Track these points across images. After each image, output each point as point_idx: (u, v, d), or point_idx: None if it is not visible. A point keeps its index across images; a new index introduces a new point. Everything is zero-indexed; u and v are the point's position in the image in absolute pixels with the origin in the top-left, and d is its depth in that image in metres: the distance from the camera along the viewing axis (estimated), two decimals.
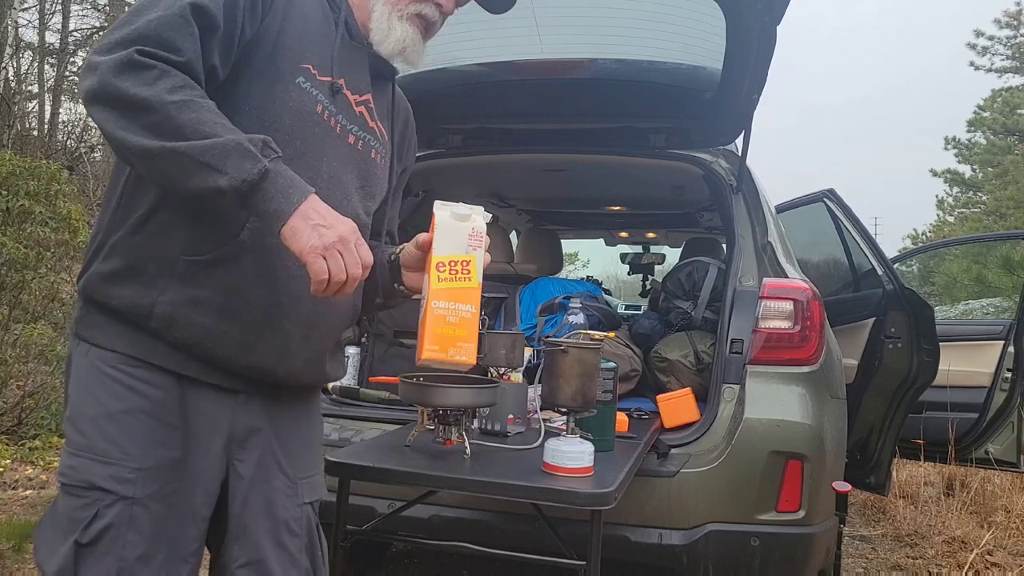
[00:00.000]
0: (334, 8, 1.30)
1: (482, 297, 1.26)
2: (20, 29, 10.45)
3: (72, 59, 12.17)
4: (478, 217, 1.27)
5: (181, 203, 1.14)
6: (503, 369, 2.21)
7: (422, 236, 1.31)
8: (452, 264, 1.23)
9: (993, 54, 21.32)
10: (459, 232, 1.25)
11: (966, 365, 3.93)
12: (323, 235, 1.06)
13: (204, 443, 1.21)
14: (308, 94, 1.22)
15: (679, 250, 4.35)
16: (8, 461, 4.31)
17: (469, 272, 1.23)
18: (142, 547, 1.14)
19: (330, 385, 2.66)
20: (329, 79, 1.25)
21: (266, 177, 1.04)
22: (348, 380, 2.70)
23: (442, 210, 1.27)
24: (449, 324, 1.21)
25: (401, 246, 1.41)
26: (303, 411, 1.37)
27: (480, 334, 2.35)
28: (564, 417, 1.83)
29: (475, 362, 1.23)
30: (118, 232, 1.17)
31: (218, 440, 1.23)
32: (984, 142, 21.59)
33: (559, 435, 1.79)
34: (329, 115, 1.26)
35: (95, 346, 1.17)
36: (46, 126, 11.25)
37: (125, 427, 1.15)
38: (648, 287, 5.19)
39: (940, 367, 3.26)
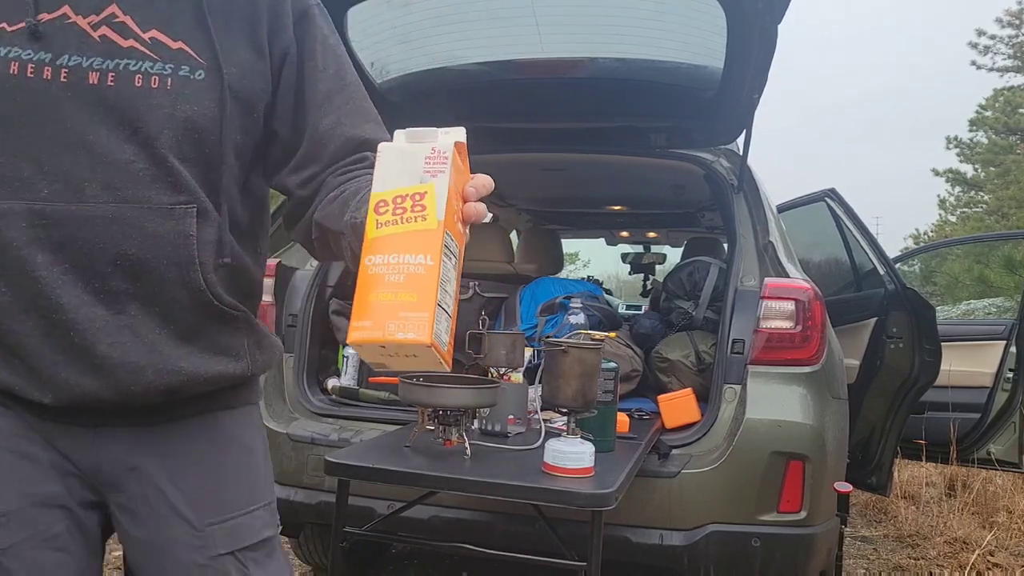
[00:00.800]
0: None
1: (453, 255, 0.81)
2: None
3: None
4: (445, 135, 0.85)
5: None
6: (503, 369, 2.20)
7: None
8: (398, 201, 0.79)
9: (995, 53, 21.31)
10: (412, 157, 0.82)
11: (968, 365, 3.92)
12: None
13: (69, 485, 0.98)
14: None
15: (680, 250, 4.34)
16: None
17: (424, 208, 0.78)
18: None
19: (329, 385, 2.66)
20: (22, 24, 0.93)
21: None
22: (348, 380, 2.69)
23: (397, 136, 0.88)
24: (389, 286, 0.75)
25: None
26: (211, 434, 1.05)
27: (480, 334, 2.36)
28: (564, 417, 1.82)
29: (429, 341, 0.73)
30: None
31: (79, 482, 0.99)
32: (986, 141, 21.58)
33: (559, 436, 1.78)
34: (38, 67, 0.92)
35: None
36: None
37: None
38: (649, 287, 5.19)
39: (942, 367, 3.26)
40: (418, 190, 0.80)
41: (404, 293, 0.76)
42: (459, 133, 0.87)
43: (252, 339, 1.06)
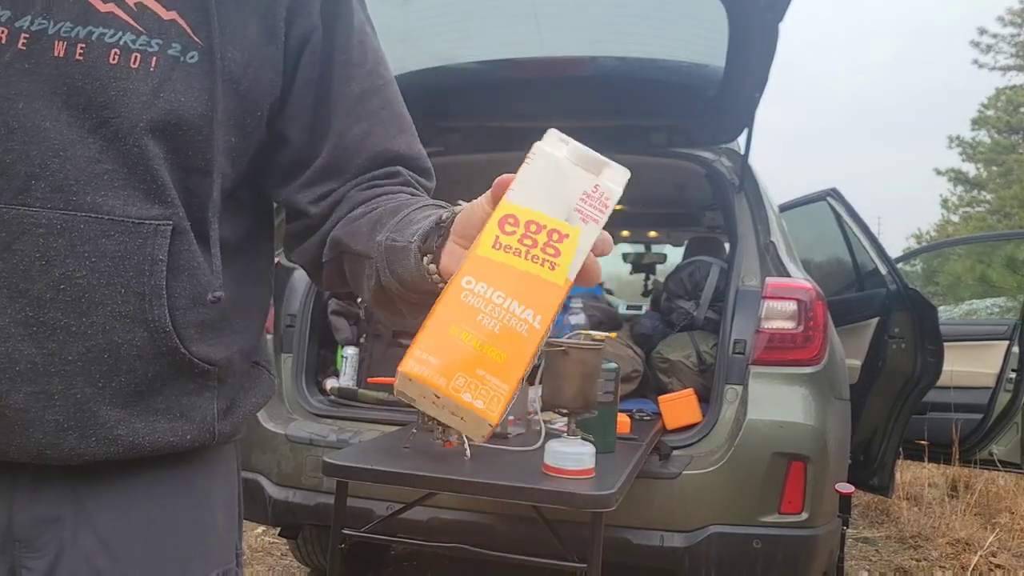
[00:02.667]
0: None
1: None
2: None
3: None
4: (611, 177, 0.65)
5: None
6: None
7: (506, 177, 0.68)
8: (531, 228, 0.62)
9: (997, 52, 21.32)
10: (570, 182, 0.65)
11: (970, 365, 3.91)
12: None
13: None
14: None
15: (681, 249, 4.33)
16: None
17: (559, 254, 0.61)
18: None
19: (328, 386, 2.65)
20: None
21: None
22: (346, 381, 2.69)
23: (555, 142, 0.69)
24: (479, 329, 0.58)
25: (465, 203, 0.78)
26: (152, 486, 0.79)
27: None
28: (565, 418, 1.81)
29: (496, 420, 0.58)
30: None
31: None
32: (988, 141, 21.57)
33: (560, 437, 1.78)
34: None
35: None
36: None
37: None
38: (650, 287, 5.17)
39: (944, 367, 3.24)
40: (561, 228, 0.62)
41: (493, 348, 0.58)
42: (624, 177, 0.67)
43: (224, 403, 0.81)
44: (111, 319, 0.72)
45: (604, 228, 0.63)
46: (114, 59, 0.72)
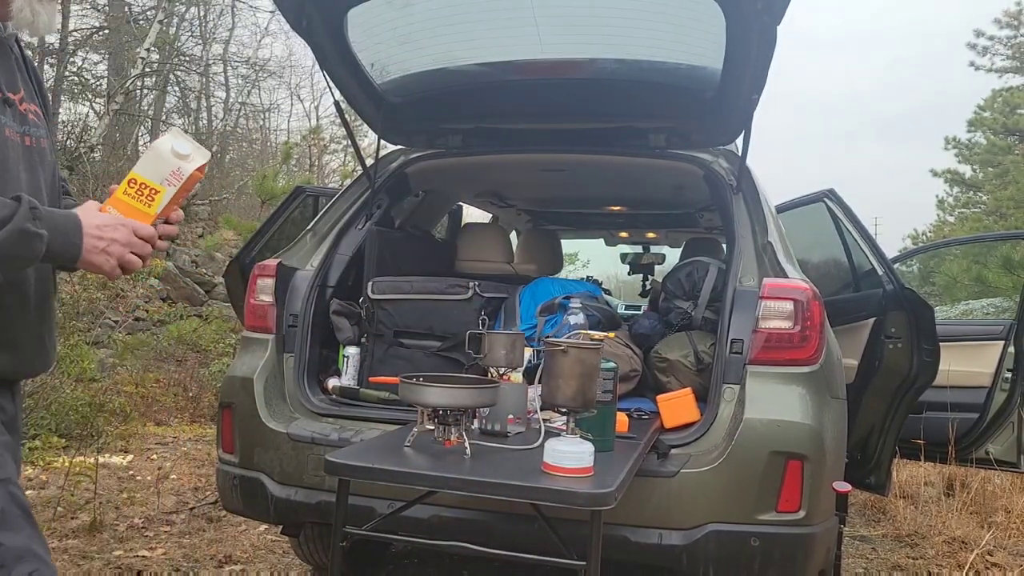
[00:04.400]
0: None
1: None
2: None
3: (72, 59, 12.16)
4: (191, 163, 1.34)
5: None
6: (503, 369, 2.21)
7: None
8: (143, 186, 1.33)
9: (993, 54, 21.33)
10: (166, 164, 1.34)
11: (966, 365, 3.92)
12: (111, 253, 1.29)
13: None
14: None
15: (679, 250, 4.35)
16: None
17: (152, 200, 1.33)
18: (30, 519, 1.27)
19: (330, 385, 2.66)
20: (3, 96, 1.33)
21: (49, 241, 1.22)
22: (348, 380, 2.70)
23: (168, 138, 1.36)
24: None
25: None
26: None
27: (479, 334, 2.37)
28: (564, 417, 1.83)
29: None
30: None
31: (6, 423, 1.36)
32: (984, 142, 21.57)
33: (559, 435, 1.79)
34: (11, 131, 1.32)
35: None
36: None
37: None
38: (648, 287, 5.18)
39: (940, 367, 3.26)
40: (156, 187, 1.33)
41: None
42: (203, 158, 1.37)
43: None
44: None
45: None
46: (43, 143, 1.42)
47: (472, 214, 5.12)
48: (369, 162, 3.03)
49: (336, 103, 2.85)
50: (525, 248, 4.11)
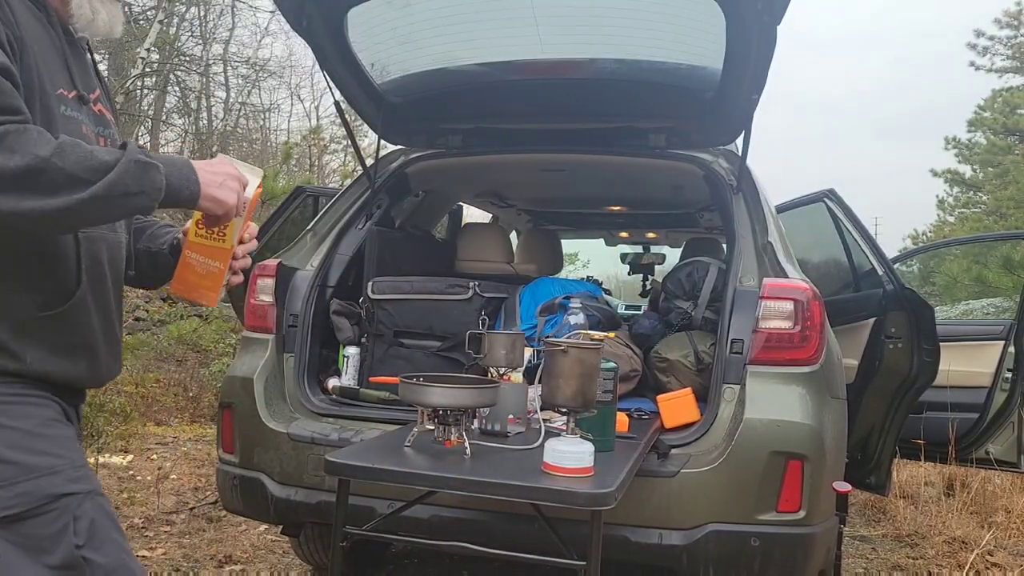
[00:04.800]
0: (40, 8, 1.25)
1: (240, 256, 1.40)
2: None
3: None
4: (248, 188, 1.32)
5: (7, 262, 1.17)
6: (503, 369, 2.21)
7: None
8: (209, 224, 1.32)
9: (993, 54, 21.33)
10: None
11: (966, 365, 3.92)
12: (231, 187, 1.25)
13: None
14: (74, 120, 1.25)
15: (679, 250, 4.35)
16: None
17: (224, 234, 1.32)
18: (118, 530, 1.23)
19: (330, 385, 2.66)
20: (75, 92, 1.28)
21: (167, 176, 1.16)
22: (348, 380, 2.70)
23: None
24: (196, 273, 1.36)
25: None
26: None
27: (479, 334, 2.37)
28: (564, 417, 1.83)
29: (215, 304, 1.43)
30: None
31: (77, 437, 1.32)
32: (984, 142, 21.56)
33: (559, 435, 1.79)
34: (87, 128, 1.29)
35: None
36: None
37: (50, 437, 1.19)
38: (648, 287, 5.19)
39: (940, 367, 3.26)
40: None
41: (205, 280, 1.37)
42: (258, 177, 1.36)
43: None
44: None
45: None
46: (113, 145, 1.34)
47: (472, 214, 5.12)
48: (369, 162, 3.03)
49: (336, 103, 2.85)
50: (525, 248, 4.11)
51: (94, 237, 1.27)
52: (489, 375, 2.24)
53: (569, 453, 1.70)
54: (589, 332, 2.55)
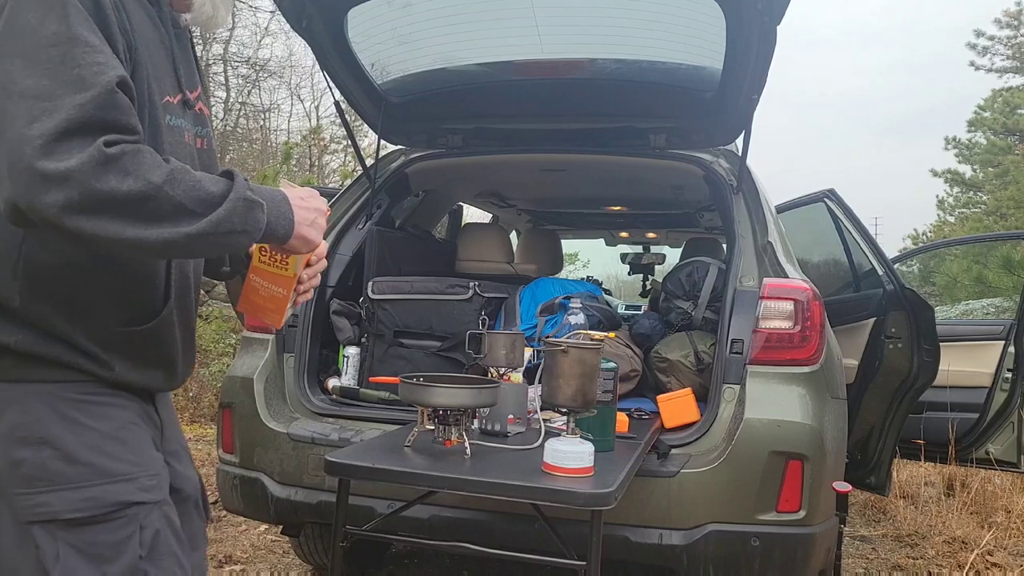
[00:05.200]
0: (152, 3, 1.21)
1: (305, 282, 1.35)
2: None
3: None
4: None
5: (103, 284, 1.15)
6: (503, 369, 2.21)
7: None
8: (273, 252, 1.29)
9: (993, 54, 21.33)
10: None
11: (966, 365, 3.93)
12: (319, 226, 1.23)
13: (157, 443, 1.26)
14: (177, 129, 1.23)
15: (679, 250, 4.35)
16: None
17: (287, 264, 1.30)
18: (179, 542, 1.21)
19: (330, 385, 2.67)
20: (180, 96, 1.24)
21: (267, 214, 1.12)
22: (348, 380, 2.70)
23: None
24: (260, 296, 1.35)
25: None
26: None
27: (479, 334, 2.37)
28: (564, 417, 1.83)
29: (280, 326, 1.40)
30: (34, 315, 1.11)
31: (159, 440, 1.27)
32: (984, 142, 21.57)
33: (559, 435, 1.79)
34: (189, 135, 1.27)
35: (51, 382, 1.13)
36: None
37: (127, 442, 1.17)
38: (648, 287, 5.19)
39: (940, 367, 3.26)
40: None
41: (269, 303, 1.35)
42: (326, 209, 1.31)
43: None
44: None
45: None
46: (213, 145, 1.36)
47: (472, 214, 5.12)
48: (369, 162, 3.03)
49: (336, 103, 2.85)
50: (525, 248, 4.11)
51: None
52: (489, 375, 2.25)
53: (569, 453, 1.70)
54: (589, 332, 2.55)
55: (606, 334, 2.65)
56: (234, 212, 1.05)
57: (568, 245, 6.75)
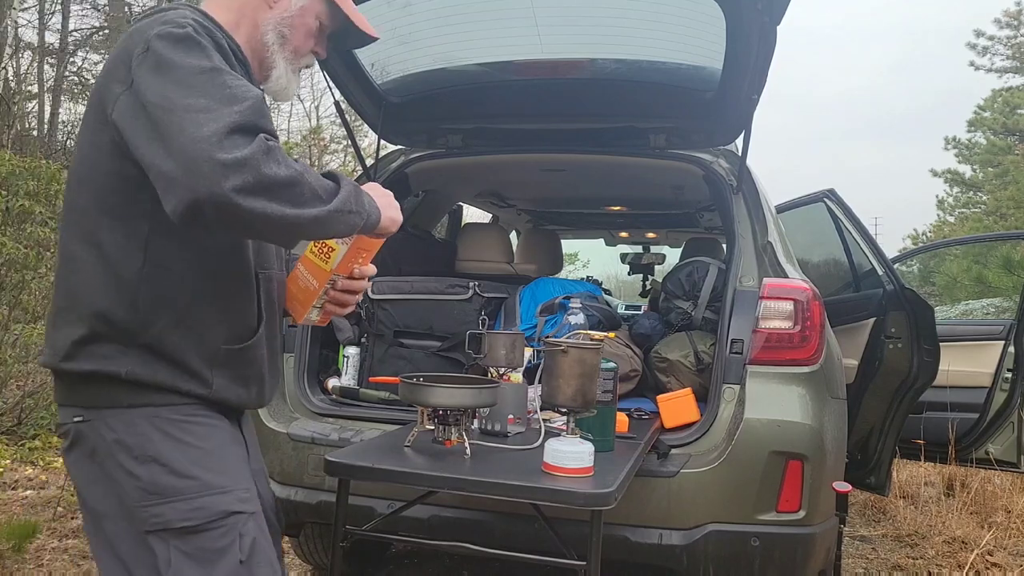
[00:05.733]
0: (240, 62, 1.36)
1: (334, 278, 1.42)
2: (20, 29, 10.45)
3: (72, 59, 12.16)
4: None
5: (210, 299, 1.31)
6: (503, 369, 2.21)
7: None
8: (323, 244, 1.40)
9: (993, 54, 21.33)
10: None
11: (966, 365, 3.93)
12: (395, 207, 1.36)
13: (247, 460, 1.42)
14: None
15: (679, 250, 4.35)
16: (8, 461, 4.31)
17: (329, 257, 1.39)
18: (272, 549, 1.36)
19: (330, 385, 2.67)
20: None
21: (368, 201, 1.29)
22: (348, 380, 2.70)
23: None
24: (297, 285, 1.46)
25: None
26: None
27: (479, 334, 2.37)
28: (564, 417, 1.83)
29: (300, 321, 1.49)
30: (150, 333, 1.27)
31: (244, 455, 1.42)
32: (984, 142, 21.57)
33: (559, 435, 1.79)
34: None
35: (158, 406, 1.28)
36: (46, 126, 11.25)
37: (225, 458, 1.33)
38: (648, 287, 5.19)
39: (940, 367, 3.26)
40: (332, 245, 1.38)
41: (300, 295, 1.45)
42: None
43: None
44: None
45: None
46: None
47: (472, 214, 5.12)
48: (369, 162, 3.03)
49: (336, 103, 2.85)
50: (525, 248, 4.11)
51: (271, 276, 1.42)
52: (489, 375, 2.24)
53: (569, 453, 1.70)
54: (589, 332, 2.54)
55: (606, 334, 2.65)
56: (349, 197, 1.23)
57: (568, 245, 6.75)
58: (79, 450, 1.29)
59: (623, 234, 5.51)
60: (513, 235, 4.76)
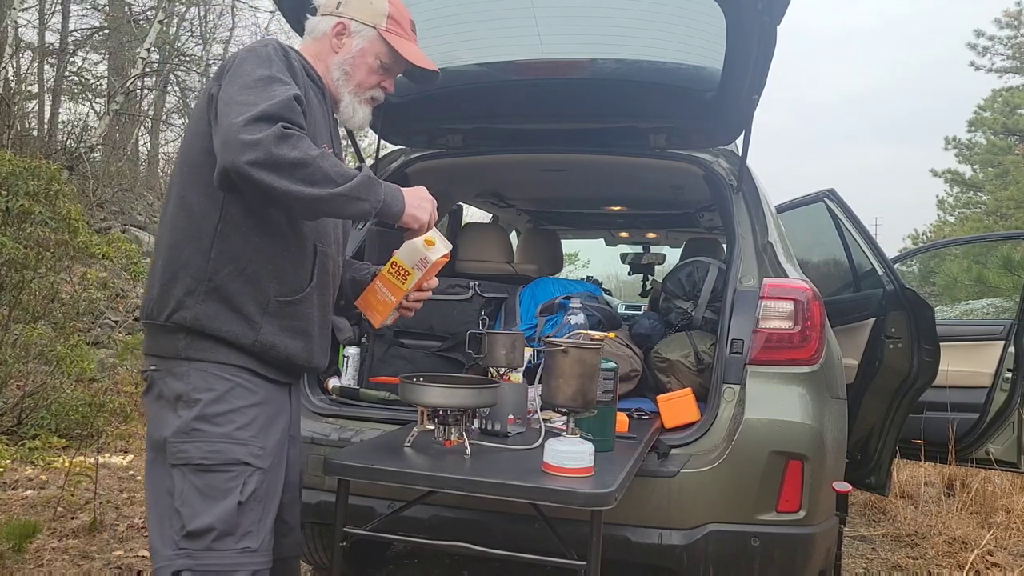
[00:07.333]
0: (319, 87, 1.71)
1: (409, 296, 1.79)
2: (20, 29, 10.44)
3: (72, 59, 12.16)
4: (435, 253, 1.73)
5: (268, 257, 1.58)
6: (503, 369, 2.20)
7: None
8: (400, 268, 1.75)
9: (993, 54, 21.32)
10: (417, 253, 1.74)
11: (966, 365, 3.93)
12: (424, 209, 1.63)
13: (283, 426, 1.67)
14: None
15: (679, 250, 4.35)
16: (8, 461, 4.31)
17: (405, 280, 1.75)
18: (268, 502, 1.61)
19: (330, 385, 2.67)
20: (331, 148, 1.70)
21: (384, 194, 1.54)
22: (348, 380, 2.70)
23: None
24: (377, 299, 1.79)
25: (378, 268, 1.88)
26: None
27: (480, 334, 2.37)
28: (564, 417, 1.83)
29: (378, 326, 1.82)
30: (217, 278, 1.55)
31: (285, 423, 1.69)
32: (984, 142, 21.57)
33: (559, 435, 1.79)
34: None
35: (209, 362, 1.56)
36: (46, 126, 11.23)
37: (253, 417, 1.58)
38: (648, 287, 5.19)
39: (940, 367, 3.26)
40: (408, 270, 1.75)
41: (379, 305, 1.80)
42: (446, 248, 1.74)
43: None
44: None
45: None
46: None
47: (472, 214, 5.12)
48: (369, 162, 3.03)
49: None
50: (525, 248, 4.11)
51: (327, 253, 1.69)
52: (489, 375, 2.24)
53: (569, 453, 1.70)
54: (589, 332, 2.54)
55: (606, 334, 2.65)
56: (361, 185, 1.48)
57: (568, 245, 6.75)
58: (151, 393, 1.60)
59: (623, 234, 5.51)
60: (513, 235, 4.76)
